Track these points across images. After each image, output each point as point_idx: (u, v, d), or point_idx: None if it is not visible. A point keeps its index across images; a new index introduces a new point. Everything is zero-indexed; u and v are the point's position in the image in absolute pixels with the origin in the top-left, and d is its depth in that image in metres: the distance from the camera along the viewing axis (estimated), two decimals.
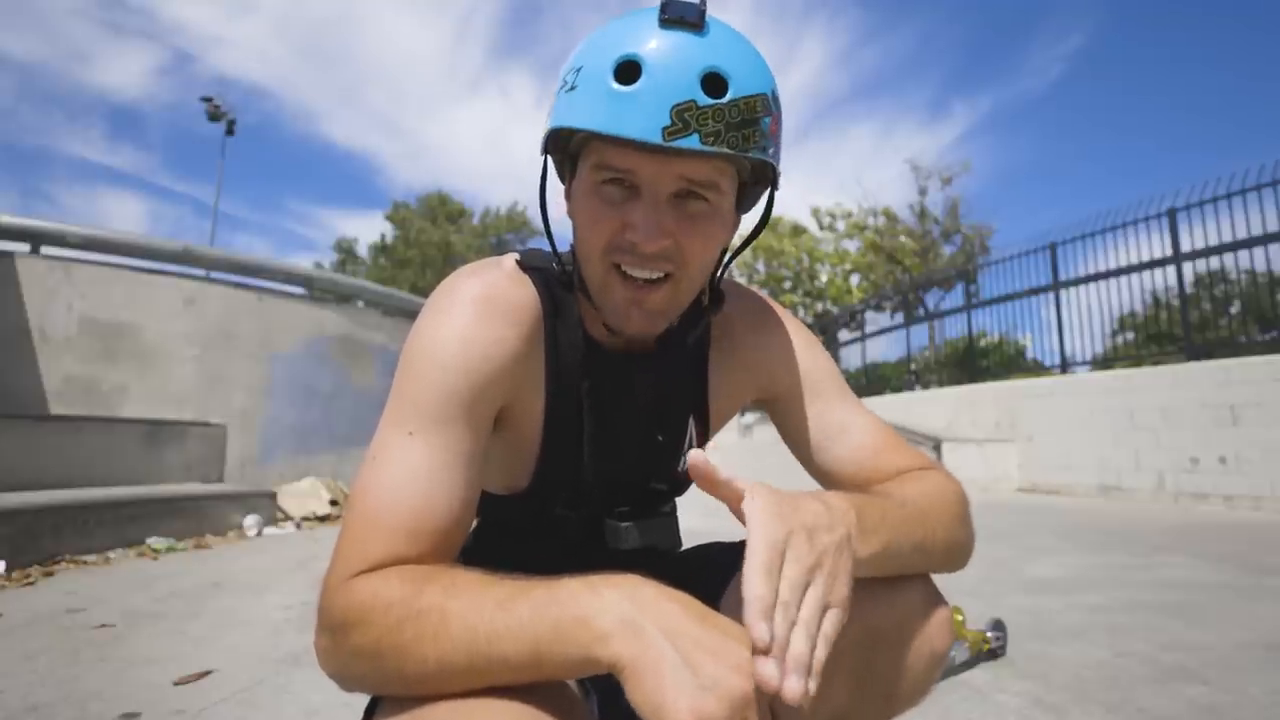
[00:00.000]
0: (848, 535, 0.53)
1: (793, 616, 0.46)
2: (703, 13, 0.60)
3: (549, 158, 0.69)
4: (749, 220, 0.79)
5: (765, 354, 0.81)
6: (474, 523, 0.84)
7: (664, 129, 0.57)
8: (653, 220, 0.61)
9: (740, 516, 0.51)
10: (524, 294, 0.70)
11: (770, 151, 0.64)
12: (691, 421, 0.81)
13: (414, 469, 0.59)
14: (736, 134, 0.59)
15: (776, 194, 0.73)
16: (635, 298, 0.65)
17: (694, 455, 0.51)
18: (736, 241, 0.77)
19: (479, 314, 0.66)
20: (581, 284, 0.70)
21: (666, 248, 0.63)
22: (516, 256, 0.74)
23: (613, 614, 0.45)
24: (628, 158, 0.60)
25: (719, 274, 0.76)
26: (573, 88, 0.61)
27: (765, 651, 0.43)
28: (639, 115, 0.57)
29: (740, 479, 0.52)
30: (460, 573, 0.53)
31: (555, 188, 0.73)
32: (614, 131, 0.58)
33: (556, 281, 0.73)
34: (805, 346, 0.82)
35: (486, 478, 0.76)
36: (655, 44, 0.58)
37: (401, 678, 0.49)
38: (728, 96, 0.58)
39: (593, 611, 0.46)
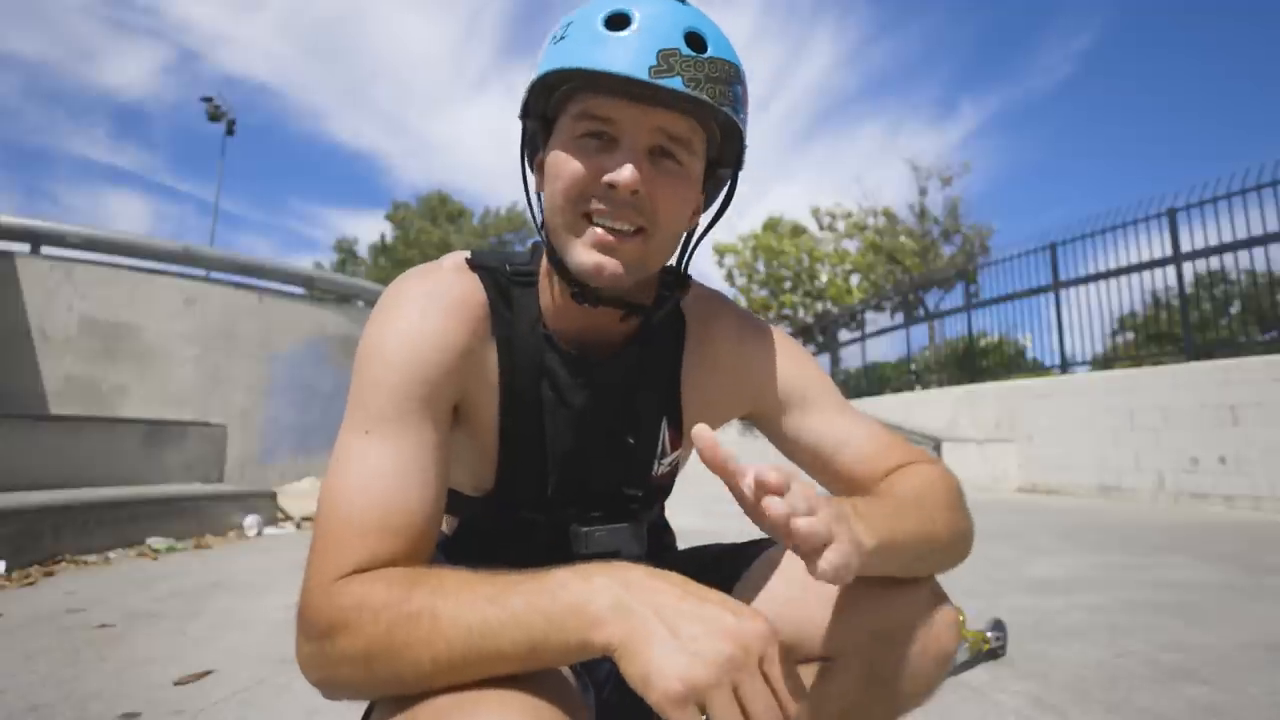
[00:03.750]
0: (849, 514, 0.54)
1: (798, 507, 0.48)
2: None
3: (526, 123, 0.70)
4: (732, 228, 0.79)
5: (750, 368, 0.80)
6: (454, 523, 0.84)
7: (650, 68, 0.60)
8: (629, 162, 0.62)
9: (739, 494, 0.51)
10: (469, 290, 0.70)
11: (740, 117, 0.66)
12: (665, 425, 0.79)
13: (377, 467, 0.59)
14: (714, 86, 0.63)
15: (743, 175, 0.74)
16: (606, 244, 0.64)
17: (700, 429, 0.51)
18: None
19: (423, 310, 0.66)
20: (549, 247, 0.69)
21: (640, 197, 0.63)
22: (466, 255, 0.74)
23: (604, 599, 0.46)
24: (610, 106, 0.63)
25: (685, 259, 0.76)
26: (561, 38, 0.64)
27: (777, 492, 0.48)
28: (626, 55, 0.60)
29: (742, 464, 0.52)
30: (446, 572, 0.53)
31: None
32: (602, 67, 0.60)
33: (509, 279, 0.72)
34: (793, 359, 0.80)
35: (455, 478, 0.76)
36: (644, 2, 0.63)
37: (397, 680, 0.49)
38: (708, 53, 0.63)
39: (585, 598, 0.47)
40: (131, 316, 4.90)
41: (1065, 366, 7.88)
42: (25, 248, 4.79)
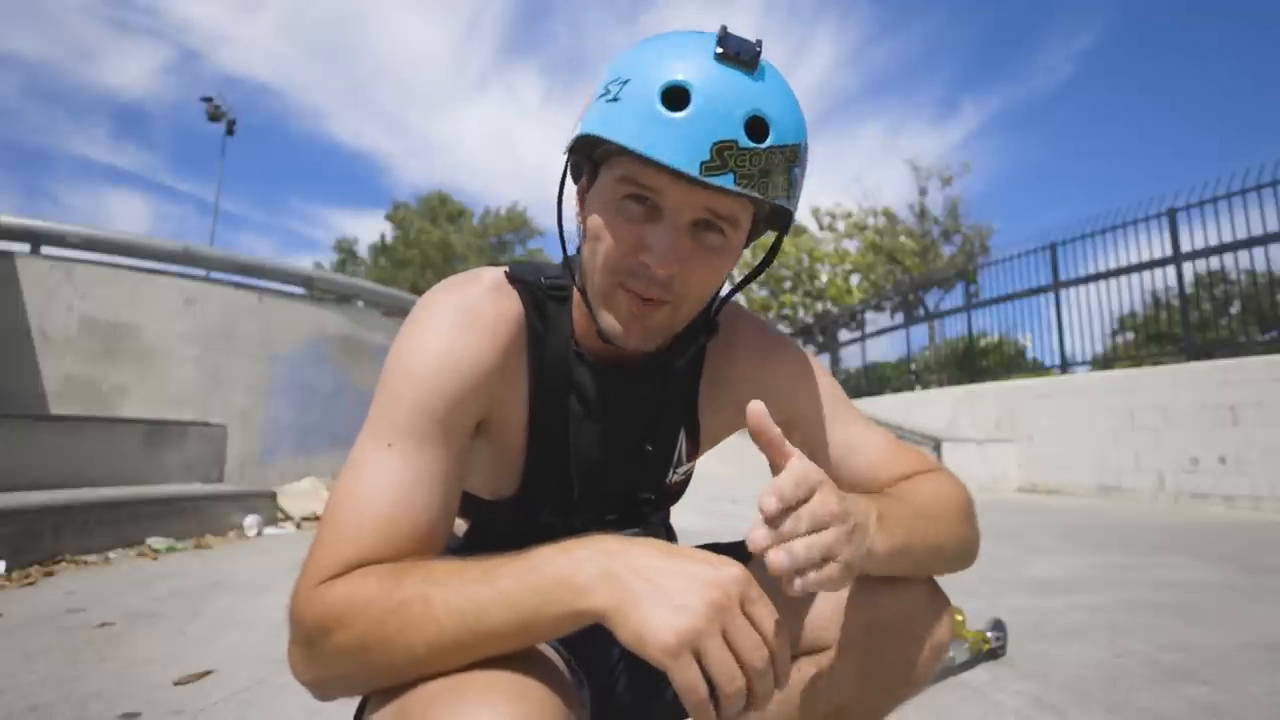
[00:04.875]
0: (869, 521, 0.58)
1: (799, 530, 0.51)
2: (758, 54, 0.59)
3: (569, 158, 0.69)
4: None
5: (766, 384, 0.82)
6: (465, 526, 0.85)
7: (702, 163, 0.57)
8: (670, 245, 0.61)
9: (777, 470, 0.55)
10: (505, 306, 0.70)
11: (792, 200, 0.64)
12: (682, 434, 0.81)
13: (389, 480, 0.60)
14: (768, 180, 0.60)
15: (784, 237, 0.73)
16: (637, 313, 0.65)
17: (754, 405, 0.55)
18: (737, 275, 0.78)
19: (454, 327, 0.66)
20: (582, 290, 0.69)
21: (675, 275, 0.63)
22: (506, 268, 0.74)
23: (588, 568, 0.48)
24: (657, 178, 0.60)
25: (716, 306, 0.77)
26: (615, 99, 0.60)
27: (769, 524, 0.50)
28: (680, 144, 0.57)
29: (790, 446, 0.56)
30: (432, 561, 0.54)
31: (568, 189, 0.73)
32: (652, 155, 0.57)
33: (545, 294, 0.73)
34: (809, 374, 0.82)
35: (473, 482, 0.77)
36: (707, 76, 0.58)
37: (392, 668, 0.50)
38: (768, 143, 0.59)
39: (569, 570, 0.48)
40: (131, 316, 4.89)
41: (1065, 366, 7.88)
42: (25, 248, 4.78)
